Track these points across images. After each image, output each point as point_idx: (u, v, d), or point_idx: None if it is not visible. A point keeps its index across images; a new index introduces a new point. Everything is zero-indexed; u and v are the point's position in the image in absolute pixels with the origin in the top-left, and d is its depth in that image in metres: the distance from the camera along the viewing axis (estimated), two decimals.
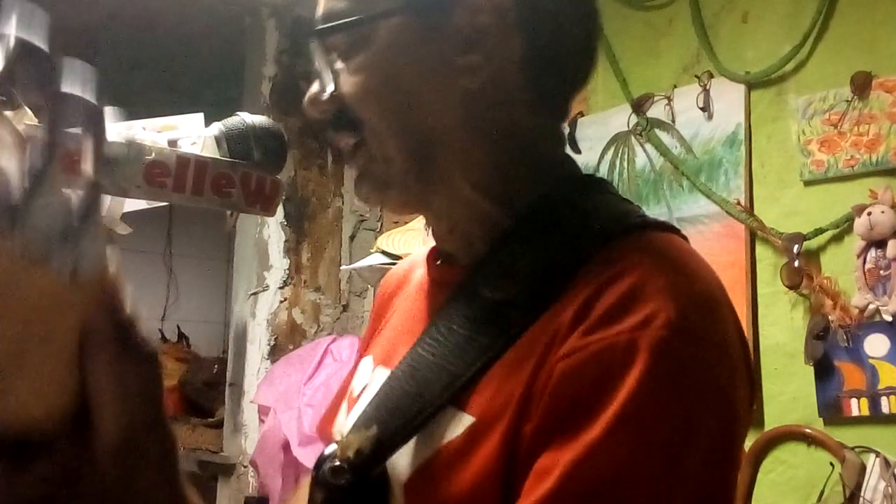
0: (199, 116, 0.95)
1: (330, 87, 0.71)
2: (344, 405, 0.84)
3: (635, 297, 0.60)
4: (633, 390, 0.57)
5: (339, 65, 0.71)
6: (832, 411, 2.09)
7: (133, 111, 0.75)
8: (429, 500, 0.65)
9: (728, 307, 0.66)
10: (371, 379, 0.79)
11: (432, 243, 0.81)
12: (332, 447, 0.67)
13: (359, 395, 0.80)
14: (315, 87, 0.73)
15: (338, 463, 0.64)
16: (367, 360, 0.84)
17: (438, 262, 0.80)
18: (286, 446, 2.75)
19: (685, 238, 0.72)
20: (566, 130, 0.78)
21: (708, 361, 0.61)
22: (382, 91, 0.70)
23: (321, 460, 0.67)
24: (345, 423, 0.79)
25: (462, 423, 0.64)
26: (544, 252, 0.68)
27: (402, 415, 0.66)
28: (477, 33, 0.69)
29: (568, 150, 0.78)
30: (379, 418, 0.66)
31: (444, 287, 0.75)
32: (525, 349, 0.64)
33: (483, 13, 0.69)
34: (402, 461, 0.66)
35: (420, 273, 0.84)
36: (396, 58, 0.70)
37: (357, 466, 0.64)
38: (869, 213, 2.03)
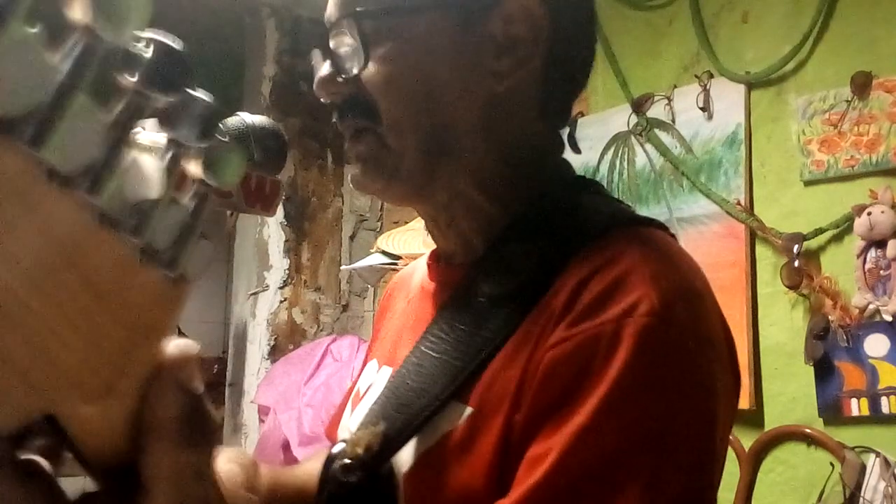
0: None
1: (353, 70, 0.71)
2: (349, 405, 0.84)
3: (619, 287, 0.62)
4: (618, 376, 0.58)
5: (361, 45, 0.71)
6: (832, 411, 2.09)
7: None
8: (429, 490, 0.66)
9: (710, 297, 0.67)
10: (375, 379, 0.80)
11: (433, 245, 0.82)
12: (340, 445, 0.67)
13: (363, 395, 0.81)
14: (327, 69, 0.73)
15: (348, 460, 0.65)
16: (372, 363, 0.85)
17: (439, 264, 0.81)
18: (286, 446, 2.75)
19: (673, 235, 0.73)
20: (565, 131, 0.79)
21: (690, 348, 0.62)
22: (409, 83, 0.70)
23: (330, 459, 0.67)
24: (350, 421, 0.80)
25: (461, 414, 0.65)
26: (539, 248, 0.69)
27: (407, 410, 0.67)
28: (510, 41, 0.71)
29: (566, 153, 0.80)
30: (386, 415, 0.67)
31: (445, 287, 0.76)
32: (520, 340, 0.65)
33: (518, 23, 0.70)
34: (403, 453, 0.67)
35: (421, 276, 0.84)
36: (428, 53, 0.70)
37: (367, 463, 0.65)
38: (869, 213, 2.03)
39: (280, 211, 3.20)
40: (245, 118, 0.90)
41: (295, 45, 3.35)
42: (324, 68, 0.73)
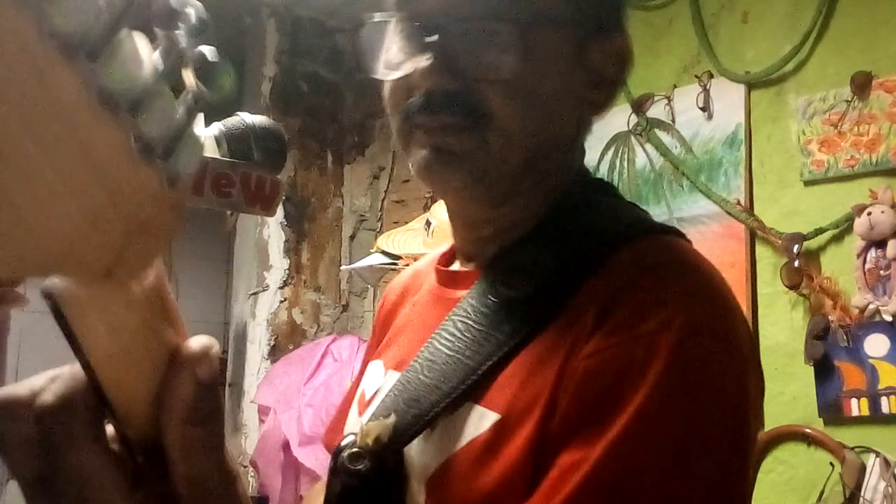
0: (200, 116, 0.95)
1: (469, 67, 0.69)
2: (355, 409, 0.84)
3: (654, 301, 0.63)
4: (653, 390, 0.59)
5: (470, 48, 0.70)
6: (832, 411, 2.09)
7: None
8: (453, 496, 0.66)
9: (736, 307, 0.69)
10: (383, 382, 0.80)
11: (435, 245, 0.82)
12: (350, 437, 0.68)
13: (371, 398, 0.80)
14: (431, 59, 0.70)
15: (356, 449, 0.66)
16: (377, 365, 0.84)
17: (451, 267, 0.82)
18: (286, 446, 2.75)
19: (689, 241, 0.75)
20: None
21: (722, 361, 0.64)
22: (532, 94, 0.71)
23: (339, 450, 0.67)
24: (358, 424, 0.80)
25: (487, 420, 0.65)
26: (561, 252, 0.70)
27: (418, 405, 0.67)
28: (604, 75, 0.76)
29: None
30: (397, 408, 0.68)
31: (457, 289, 0.77)
32: (547, 347, 0.65)
33: (616, 63, 0.76)
34: (424, 456, 0.67)
35: (429, 279, 0.85)
36: (551, 69, 0.72)
37: (375, 453, 0.66)
38: (869, 213, 2.03)
39: (280, 211, 3.20)
40: (245, 118, 0.90)
41: (295, 45, 3.35)
42: (426, 58, 0.70)
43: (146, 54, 0.35)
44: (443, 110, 0.70)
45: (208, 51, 0.39)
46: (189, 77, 0.38)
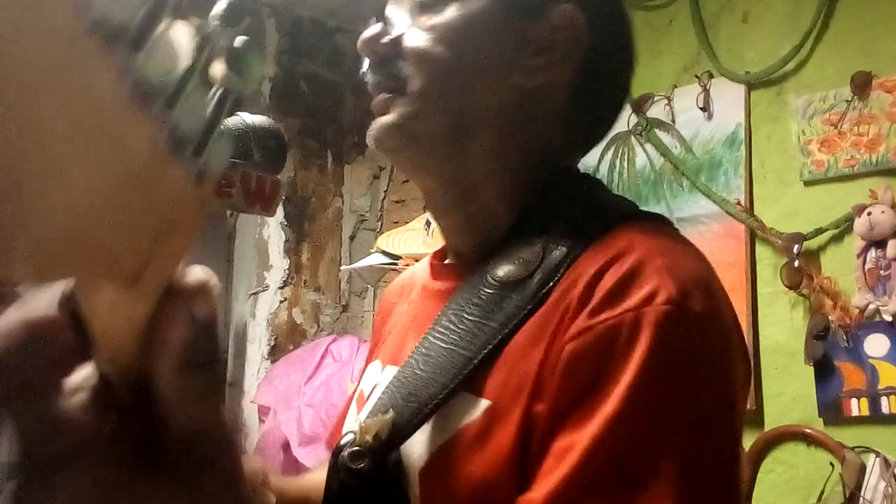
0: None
1: (396, 32, 0.74)
2: (353, 407, 0.84)
3: (635, 277, 0.63)
4: (641, 366, 0.59)
5: (412, 14, 0.75)
6: (832, 411, 2.09)
7: None
8: (445, 485, 0.66)
9: (720, 286, 0.69)
10: (381, 378, 0.80)
11: (435, 245, 0.83)
12: (349, 436, 0.68)
13: (369, 395, 0.81)
14: (377, 28, 0.76)
15: (356, 447, 0.65)
16: (375, 364, 0.85)
17: (443, 262, 0.83)
18: (286, 446, 2.75)
19: (676, 229, 0.75)
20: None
21: (709, 336, 0.64)
22: (450, 57, 0.73)
23: (339, 448, 0.67)
24: (356, 421, 0.80)
25: (478, 407, 0.66)
26: (546, 239, 0.70)
27: (416, 399, 0.67)
28: (549, 44, 0.75)
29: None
30: (394, 404, 0.68)
31: (450, 283, 0.77)
32: (534, 331, 0.66)
33: (560, 30, 0.75)
34: (417, 447, 0.67)
35: (423, 279, 0.85)
36: (472, 36, 0.74)
37: (375, 450, 0.65)
38: (869, 213, 2.03)
39: (280, 211, 3.20)
40: (245, 118, 0.91)
41: (295, 45, 3.35)
42: (373, 28, 0.76)
43: (184, 45, 0.34)
44: (380, 74, 0.76)
45: (240, 39, 0.38)
46: (220, 67, 0.37)
